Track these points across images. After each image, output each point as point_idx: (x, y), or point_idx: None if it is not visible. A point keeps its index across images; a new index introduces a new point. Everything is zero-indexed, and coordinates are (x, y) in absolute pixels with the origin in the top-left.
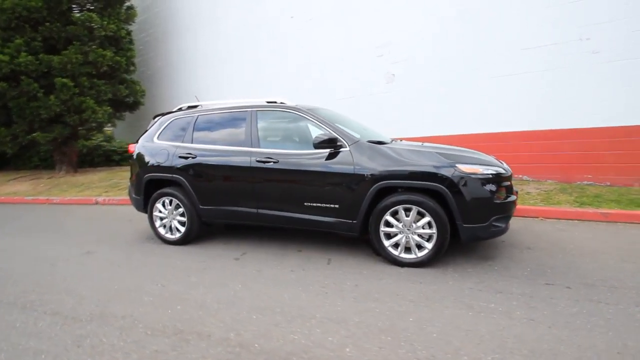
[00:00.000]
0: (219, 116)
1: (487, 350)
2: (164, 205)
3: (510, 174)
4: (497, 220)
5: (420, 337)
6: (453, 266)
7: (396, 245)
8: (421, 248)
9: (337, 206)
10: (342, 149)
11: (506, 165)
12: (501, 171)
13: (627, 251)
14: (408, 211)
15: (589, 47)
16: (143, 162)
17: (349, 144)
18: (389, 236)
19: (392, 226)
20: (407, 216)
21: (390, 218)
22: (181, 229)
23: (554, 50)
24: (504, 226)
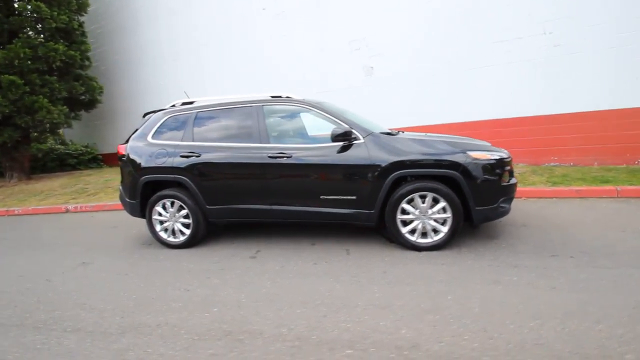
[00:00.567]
0: (221, 112)
1: (527, 317)
2: (165, 207)
3: (510, 158)
4: (504, 201)
5: (464, 313)
6: (466, 247)
7: (412, 231)
8: (437, 232)
9: (355, 197)
10: (357, 141)
11: (506, 150)
12: (504, 156)
13: (605, 222)
14: (423, 198)
15: (552, 41)
16: (137, 164)
17: (364, 136)
18: (405, 223)
19: (409, 213)
20: (423, 203)
21: (406, 205)
22: (186, 232)
23: (521, 43)
24: (509, 207)
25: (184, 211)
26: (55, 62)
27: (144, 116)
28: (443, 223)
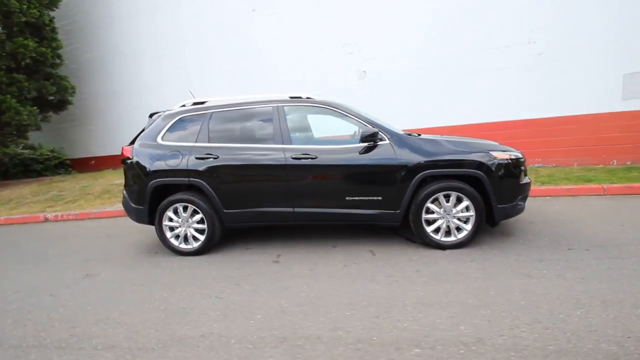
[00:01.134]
0: (238, 112)
1: (571, 307)
2: (177, 212)
3: (524, 158)
4: (521, 199)
5: (512, 306)
6: (486, 244)
7: (436, 230)
8: (459, 230)
9: (380, 198)
10: (382, 142)
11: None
12: (520, 156)
13: (602, 217)
14: (447, 197)
15: (535, 50)
16: (145, 167)
17: (389, 137)
18: (428, 222)
19: (433, 212)
20: (448, 202)
21: (431, 205)
22: (199, 237)
23: (507, 51)
24: (524, 204)
25: (198, 216)
26: (24, 60)
27: (150, 116)
28: (465, 221)
